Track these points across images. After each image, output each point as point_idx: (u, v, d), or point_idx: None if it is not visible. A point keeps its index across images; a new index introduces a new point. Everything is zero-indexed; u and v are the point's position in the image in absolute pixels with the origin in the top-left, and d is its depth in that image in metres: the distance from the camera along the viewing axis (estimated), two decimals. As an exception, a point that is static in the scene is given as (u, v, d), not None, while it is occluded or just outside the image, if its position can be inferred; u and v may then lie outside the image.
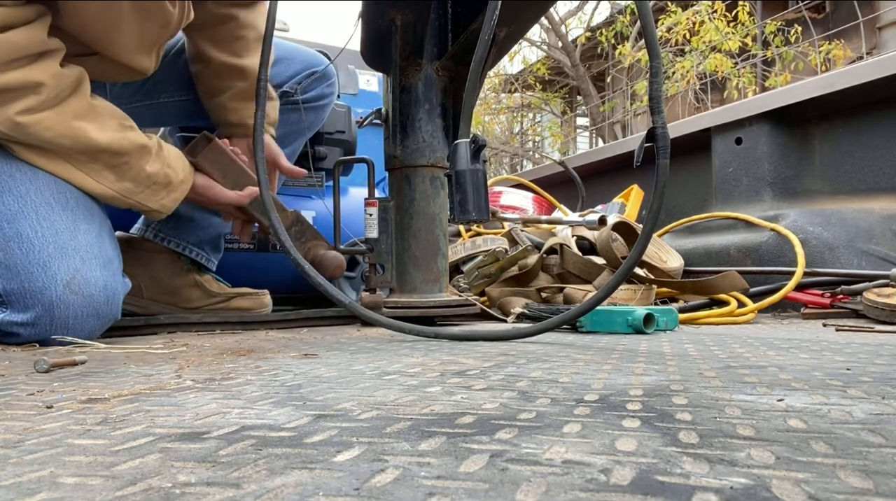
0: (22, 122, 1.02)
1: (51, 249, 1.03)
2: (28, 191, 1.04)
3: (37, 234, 1.03)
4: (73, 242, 1.05)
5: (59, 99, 1.05)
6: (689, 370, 0.66)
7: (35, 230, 1.03)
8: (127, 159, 1.13)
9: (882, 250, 1.69)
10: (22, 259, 1.01)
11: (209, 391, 0.58)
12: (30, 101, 1.02)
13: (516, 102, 10.50)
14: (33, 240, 1.02)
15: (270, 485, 0.31)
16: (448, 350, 0.89)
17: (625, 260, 0.92)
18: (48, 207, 1.05)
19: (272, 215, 1.10)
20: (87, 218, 1.09)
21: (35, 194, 1.05)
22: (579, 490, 0.29)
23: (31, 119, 1.03)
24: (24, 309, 1.01)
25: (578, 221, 1.77)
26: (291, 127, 1.56)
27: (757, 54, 6.98)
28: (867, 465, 0.33)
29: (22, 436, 0.42)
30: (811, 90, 1.89)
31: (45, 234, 1.03)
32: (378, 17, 1.32)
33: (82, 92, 1.09)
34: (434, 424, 0.43)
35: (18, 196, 1.04)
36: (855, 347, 0.85)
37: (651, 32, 0.87)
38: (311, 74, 1.56)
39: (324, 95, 1.61)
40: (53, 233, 1.04)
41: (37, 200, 1.04)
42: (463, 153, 0.96)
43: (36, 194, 1.05)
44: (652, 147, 0.89)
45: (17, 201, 1.03)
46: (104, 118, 1.11)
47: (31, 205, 1.04)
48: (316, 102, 1.59)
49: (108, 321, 1.10)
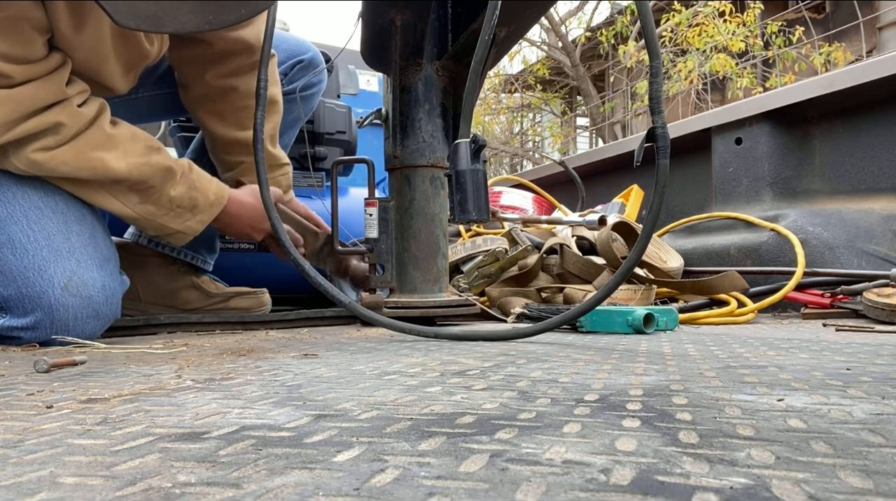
0: (38, 160, 1.04)
1: (45, 253, 1.02)
2: (16, 197, 1.04)
3: (29, 239, 1.02)
4: (66, 244, 1.05)
5: (75, 134, 1.07)
6: (689, 370, 0.66)
7: (27, 235, 1.03)
8: (150, 184, 1.14)
9: (882, 250, 1.69)
10: (17, 264, 1.01)
11: (209, 391, 0.58)
12: (48, 141, 1.04)
13: (516, 102, 10.50)
14: (26, 245, 1.02)
15: (270, 485, 0.31)
16: (448, 350, 0.89)
17: (625, 260, 0.92)
18: (38, 211, 1.05)
19: (273, 215, 1.10)
20: (78, 219, 1.09)
21: (23, 199, 1.05)
22: (579, 490, 0.29)
23: (46, 156, 1.05)
24: (24, 313, 1.01)
25: (578, 221, 1.77)
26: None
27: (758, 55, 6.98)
28: (867, 465, 0.33)
29: (22, 436, 0.42)
30: (811, 90, 1.89)
31: (38, 238, 1.03)
32: (378, 17, 1.32)
33: (99, 124, 1.10)
34: (434, 424, 0.43)
35: (6, 202, 1.04)
36: (855, 347, 0.85)
37: (651, 32, 0.87)
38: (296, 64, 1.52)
39: (311, 84, 1.56)
40: (46, 236, 1.03)
41: (25, 205, 1.04)
42: (463, 153, 0.96)
43: (24, 199, 1.05)
44: (652, 147, 0.89)
45: (5, 207, 1.03)
46: (125, 144, 1.12)
47: (21, 210, 1.04)
48: (303, 92, 1.54)
49: (108, 321, 1.10)
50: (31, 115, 1.02)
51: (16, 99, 1.00)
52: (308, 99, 1.58)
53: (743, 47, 6.86)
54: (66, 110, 1.05)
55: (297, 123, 1.59)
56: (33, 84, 1.01)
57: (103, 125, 1.10)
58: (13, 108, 1.00)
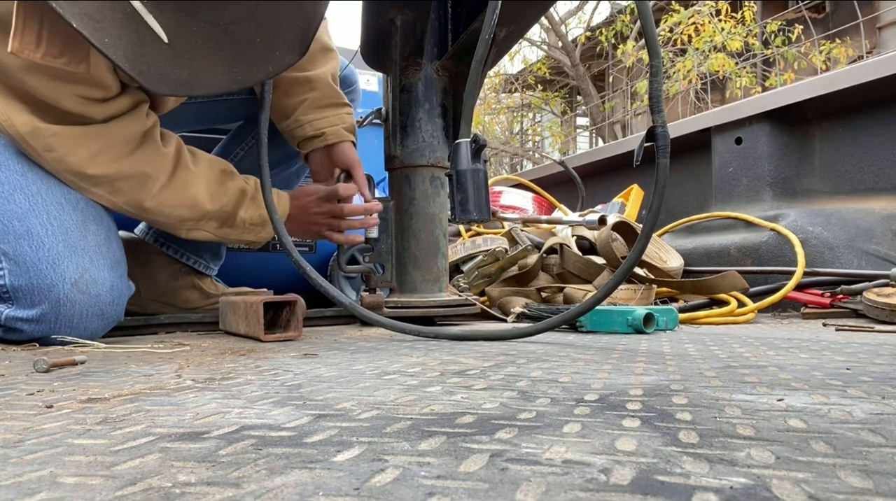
0: (150, 208, 1.13)
1: (60, 247, 1.03)
2: (40, 191, 1.05)
3: (47, 232, 1.03)
4: (82, 242, 1.06)
5: (169, 176, 1.13)
6: (689, 370, 0.66)
7: (45, 228, 1.03)
8: (226, 210, 1.19)
9: (882, 250, 1.69)
10: (31, 256, 1.02)
11: (209, 391, 0.58)
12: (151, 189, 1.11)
13: (516, 102, 10.50)
14: (43, 238, 1.03)
15: (270, 485, 0.31)
16: (448, 350, 0.89)
17: (625, 260, 0.92)
18: (59, 207, 1.06)
19: (274, 216, 1.10)
20: (96, 219, 1.10)
21: (46, 193, 1.05)
22: (579, 490, 0.29)
23: (154, 203, 1.12)
24: (31, 305, 1.02)
25: (578, 221, 1.77)
26: None
27: (758, 54, 6.98)
28: (867, 465, 0.33)
29: (22, 436, 0.42)
30: (811, 90, 1.89)
31: (56, 233, 1.04)
32: (378, 16, 1.31)
33: (183, 163, 1.15)
34: (434, 424, 0.43)
35: (30, 195, 1.04)
36: (855, 347, 0.85)
37: (651, 32, 0.87)
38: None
39: None
40: (63, 231, 1.04)
41: (48, 199, 1.05)
42: (464, 153, 0.96)
43: (47, 193, 1.05)
44: (652, 146, 0.89)
45: (28, 200, 1.04)
46: (206, 175, 1.17)
47: (42, 203, 1.05)
48: None
49: (112, 322, 1.10)
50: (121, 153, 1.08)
51: (104, 135, 1.06)
52: None
53: (741, 47, 6.86)
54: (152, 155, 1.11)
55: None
56: (119, 121, 1.07)
57: (187, 163, 1.15)
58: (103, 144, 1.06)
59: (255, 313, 1.06)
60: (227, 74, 0.93)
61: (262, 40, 0.96)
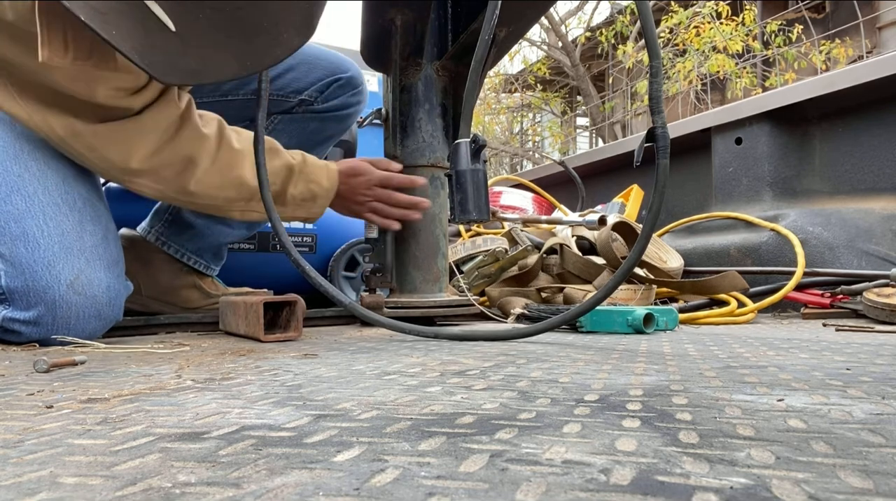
0: (195, 191, 1.12)
1: (56, 249, 1.03)
2: (36, 192, 1.05)
3: (43, 234, 1.03)
4: (78, 243, 1.06)
5: (212, 158, 1.12)
6: (689, 370, 0.66)
7: (41, 230, 1.03)
8: (274, 189, 1.17)
9: (882, 250, 1.69)
10: (27, 258, 1.02)
11: (209, 391, 0.58)
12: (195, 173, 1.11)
13: (516, 102, 10.50)
14: (39, 239, 1.03)
15: (270, 485, 0.31)
16: (448, 350, 0.89)
17: (625, 260, 0.92)
18: (55, 208, 1.06)
19: (273, 215, 1.10)
20: (93, 219, 1.10)
21: (43, 194, 1.05)
22: (579, 490, 0.29)
23: (200, 186, 1.12)
24: (27, 307, 1.02)
25: (578, 221, 1.77)
26: (310, 136, 1.50)
27: (758, 54, 6.98)
28: (867, 465, 0.33)
29: (22, 436, 0.42)
30: (811, 90, 1.89)
31: (52, 234, 1.04)
32: (378, 16, 1.31)
33: (226, 142, 1.14)
34: (434, 424, 0.43)
35: (27, 196, 1.04)
36: (855, 347, 0.85)
37: (651, 32, 0.87)
38: (334, 82, 1.48)
39: (348, 105, 1.51)
40: (59, 233, 1.04)
41: (45, 201, 1.05)
42: (463, 153, 0.96)
43: (44, 194, 1.05)
44: (652, 147, 0.89)
45: (25, 201, 1.04)
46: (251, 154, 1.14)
47: (39, 205, 1.05)
48: (338, 111, 1.50)
49: (110, 322, 1.10)
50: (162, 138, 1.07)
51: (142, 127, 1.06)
52: (344, 118, 1.53)
53: (741, 49, 6.86)
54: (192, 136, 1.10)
55: (330, 141, 1.57)
56: (152, 109, 1.07)
57: (230, 142, 1.15)
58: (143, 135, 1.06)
59: (255, 313, 1.06)
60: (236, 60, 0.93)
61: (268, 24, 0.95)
